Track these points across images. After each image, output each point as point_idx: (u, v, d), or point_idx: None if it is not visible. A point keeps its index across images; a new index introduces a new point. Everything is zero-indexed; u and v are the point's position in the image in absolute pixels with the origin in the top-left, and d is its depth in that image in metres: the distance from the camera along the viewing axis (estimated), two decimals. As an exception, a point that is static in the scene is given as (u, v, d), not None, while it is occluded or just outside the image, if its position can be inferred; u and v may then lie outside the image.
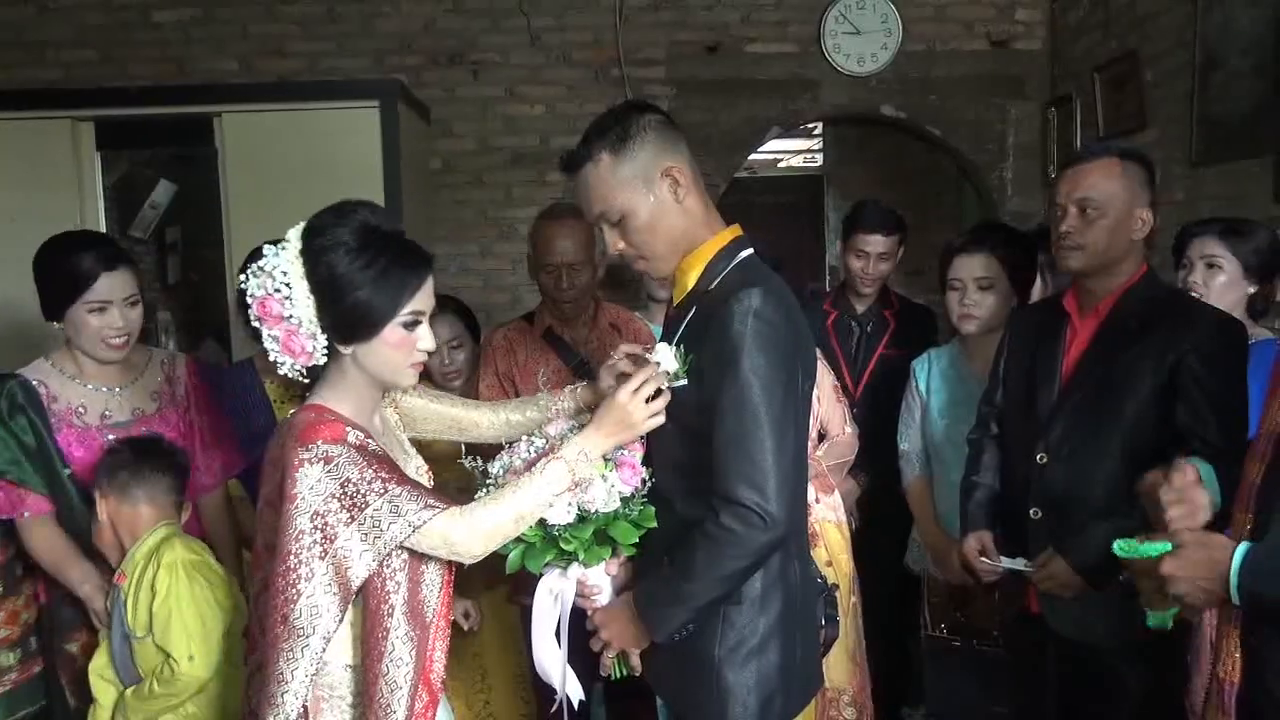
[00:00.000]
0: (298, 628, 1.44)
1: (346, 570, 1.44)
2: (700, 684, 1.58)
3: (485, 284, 4.37)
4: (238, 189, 3.62)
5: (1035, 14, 4.34)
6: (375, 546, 1.44)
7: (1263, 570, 1.28)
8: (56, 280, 2.07)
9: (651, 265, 1.64)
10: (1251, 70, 2.90)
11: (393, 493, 1.44)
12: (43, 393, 2.10)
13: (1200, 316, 1.94)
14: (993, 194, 4.46)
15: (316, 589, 1.44)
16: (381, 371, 1.54)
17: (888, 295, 3.10)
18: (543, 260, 2.54)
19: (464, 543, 1.48)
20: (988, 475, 2.22)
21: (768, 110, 4.37)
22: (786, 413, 1.50)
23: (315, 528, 1.43)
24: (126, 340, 2.12)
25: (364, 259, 1.46)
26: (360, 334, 1.49)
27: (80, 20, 4.20)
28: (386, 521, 1.43)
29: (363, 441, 1.48)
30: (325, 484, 1.43)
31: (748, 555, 1.49)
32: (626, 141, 1.56)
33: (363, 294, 1.46)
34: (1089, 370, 1.98)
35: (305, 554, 1.43)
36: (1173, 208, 3.22)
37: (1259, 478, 1.43)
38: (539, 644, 1.66)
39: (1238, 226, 2.30)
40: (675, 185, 1.58)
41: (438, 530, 1.46)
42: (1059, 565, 1.94)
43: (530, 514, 1.52)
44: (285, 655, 1.45)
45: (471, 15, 4.26)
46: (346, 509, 1.43)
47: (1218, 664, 1.47)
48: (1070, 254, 1.98)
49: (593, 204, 1.61)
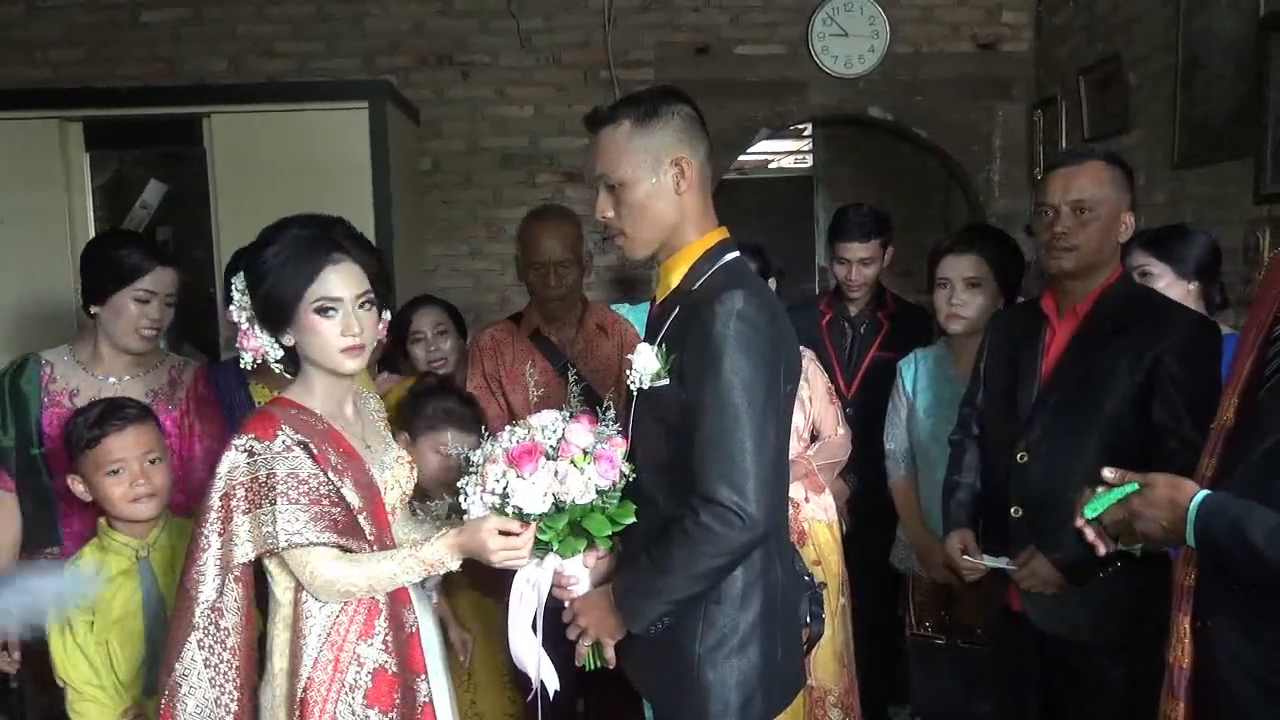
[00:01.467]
0: (189, 594, 1.60)
1: (232, 548, 1.58)
2: (680, 682, 1.59)
3: (475, 284, 4.38)
4: (226, 189, 3.61)
5: (1021, 16, 4.37)
6: (254, 540, 1.58)
7: (1216, 513, 1.35)
8: (110, 266, 2.19)
9: (629, 243, 1.67)
10: (1233, 73, 2.93)
11: (279, 507, 1.56)
12: (46, 373, 2.20)
13: (1176, 317, 1.97)
14: (979, 195, 4.48)
15: (208, 560, 1.59)
16: (319, 358, 1.65)
17: (883, 297, 3.10)
18: (531, 259, 2.57)
19: (322, 583, 1.60)
20: (969, 475, 2.24)
21: (756, 112, 4.38)
22: (767, 414, 1.52)
23: (221, 505, 1.59)
24: (156, 334, 2.23)
25: (272, 251, 1.62)
26: (279, 321, 1.64)
27: (69, 20, 4.19)
28: (265, 528, 1.57)
29: (290, 445, 1.60)
30: (240, 473, 1.59)
31: (725, 554, 1.51)
32: (651, 118, 1.62)
33: (269, 282, 1.62)
34: (1068, 370, 2.01)
35: (208, 528, 1.59)
36: (1156, 209, 3.25)
37: (1210, 472, 1.46)
38: (515, 633, 1.69)
39: (1161, 233, 2.35)
40: (680, 176, 1.62)
41: (309, 559, 1.59)
42: (1040, 563, 1.96)
43: (381, 586, 1.63)
44: (180, 616, 1.60)
45: (461, 16, 4.27)
46: (247, 499, 1.58)
47: (1167, 649, 1.50)
48: (1063, 255, 2.00)
49: (598, 163, 1.65)
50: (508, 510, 1.58)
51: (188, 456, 2.27)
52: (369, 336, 1.67)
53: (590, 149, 1.68)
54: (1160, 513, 1.40)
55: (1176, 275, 2.26)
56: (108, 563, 1.95)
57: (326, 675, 1.60)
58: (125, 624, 1.93)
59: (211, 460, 2.24)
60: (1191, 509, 1.36)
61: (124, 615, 1.93)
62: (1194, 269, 2.27)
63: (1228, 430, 1.48)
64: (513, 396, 2.62)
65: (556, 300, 2.59)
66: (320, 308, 1.61)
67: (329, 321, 1.62)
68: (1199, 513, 1.36)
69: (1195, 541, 1.37)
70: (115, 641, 1.92)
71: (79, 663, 1.91)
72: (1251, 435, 1.41)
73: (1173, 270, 2.26)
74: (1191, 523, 1.36)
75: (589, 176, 1.68)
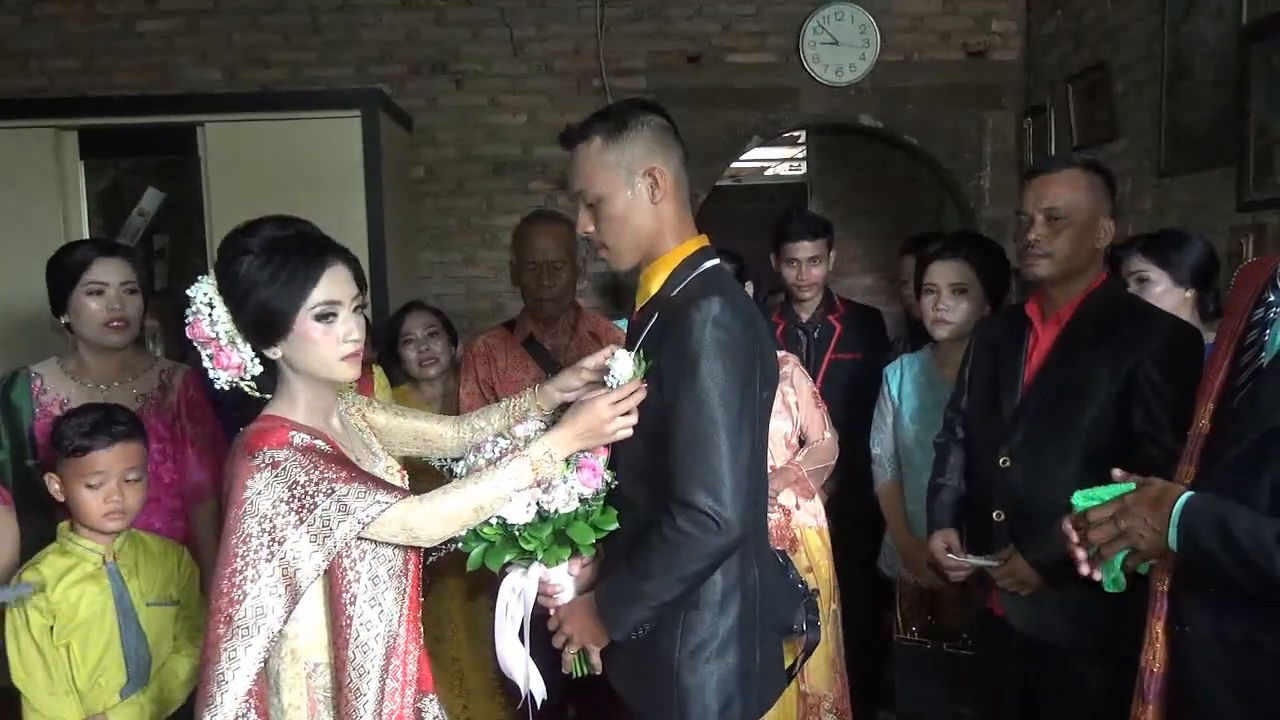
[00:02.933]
0: (242, 628, 1.46)
1: (295, 572, 1.47)
2: (660, 687, 1.60)
3: (468, 291, 4.40)
4: (221, 198, 3.64)
5: (1011, 25, 4.40)
6: (325, 546, 1.47)
7: (1200, 512, 1.35)
8: (60, 269, 2.21)
9: (612, 256, 1.69)
10: (1215, 81, 2.96)
11: (340, 492, 1.47)
12: (36, 385, 2.22)
13: (1157, 323, 1.98)
14: (970, 202, 4.51)
15: (263, 590, 1.46)
16: (315, 368, 1.56)
17: (832, 300, 3.16)
18: (525, 259, 2.61)
19: (422, 526, 1.52)
20: (953, 477, 2.26)
21: (747, 120, 4.41)
22: (743, 419, 1.53)
23: (263, 530, 1.46)
24: (125, 325, 2.22)
25: (261, 260, 1.51)
26: (273, 333, 1.53)
27: (64, 29, 4.22)
28: (335, 521, 1.46)
29: (309, 444, 1.51)
30: (273, 488, 1.46)
31: (703, 559, 1.53)
32: (621, 132, 1.63)
33: (263, 292, 1.50)
34: (1050, 375, 2.02)
35: (252, 556, 1.46)
36: (1141, 216, 3.28)
37: (1189, 479, 1.47)
38: (502, 642, 1.69)
39: (1160, 238, 2.37)
40: (654, 186, 1.63)
41: (394, 518, 1.49)
42: (1019, 563, 1.98)
43: (489, 505, 1.55)
44: (227, 655, 1.46)
45: (453, 26, 4.30)
46: (295, 511, 1.46)
47: (1140, 652, 1.51)
48: (1037, 262, 2.02)
49: (575, 180, 1.67)
50: (492, 521, 1.59)
51: (181, 460, 2.29)
52: (363, 341, 1.60)
53: (568, 167, 1.70)
54: (1146, 513, 1.40)
55: (1173, 282, 2.28)
56: (70, 567, 1.94)
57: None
58: (88, 628, 1.92)
59: (204, 462, 2.27)
60: (1176, 509, 1.36)
61: (88, 619, 1.92)
62: (1190, 277, 2.29)
63: (1204, 437, 1.49)
64: (504, 403, 2.64)
65: (550, 300, 2.62)
66: (322, 314, 1.53)
67: (329, 328, 1.54)
68: (1183, 512, 1.36)
69: (1178, 542, 1.37)
70: (76, 646, 1.91)
71: (34, 667, 1.89)
72: (1227, 441, 1.43)
73: (1170, 277, 2.29)
74: (1175, 523, 1.36)
75: (570, 193, 1.71)
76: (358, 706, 1.51)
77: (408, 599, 1.60)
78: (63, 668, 1.91)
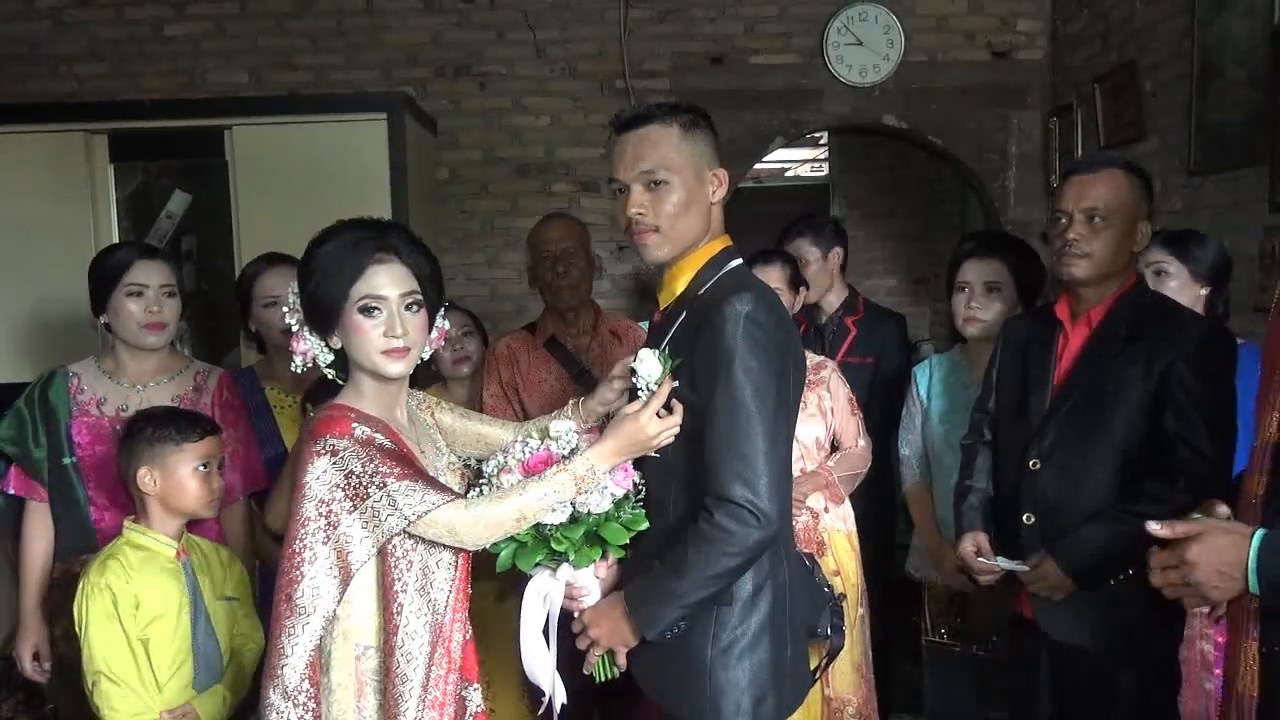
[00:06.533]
0: (300, 606, 1.55)
1: (348, 555, 1.54)
2: (693, 684, 1.60)
3: (491, 293, 4.42)
4: (248, 200, 3.67)
5: (1036, 24, 4.37)
6: (374, 534, 1.54)
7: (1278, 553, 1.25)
8: (101, 270, 2.25)
9: (659, 240, 1.64)
10: (1247, 80, 2.93)
11: (391, 487, 1.53)
12: (74, 384, 2.25)
13: (1189, 324, 1.97)
14: (995, 203, 4.48)
15: (319, 571, 1.54)
16: (360, 360, 1.62)
17: (853, 302, 3.16)
18: (539, 254, 2.64)
19: (466, 530, 1.56)
20: (981, 479, 2.24)
21: (771, 121, 4.40)
22: (779, 414, 1.54)
23: (320, 514, 1.54)
24: (163, 327, 2.25)
25: (323, 253, 1.60)
26: (325, 322, 1.61)
27: (93, 34, 4.26)
28: (384, 513, 1.52)
29: (369, 436, 1.57)
30: (330, 475, 1.54)
31: (742, 553, 1.52)
32: (695, 128, 1.66)
33: (314, 281, 1.59)
34: (1080, 377, 2.00)
35: (310, 539, 1.55)
36: (1172, 216, 3.25)
37: (1262, 489, 1.41)
38: (527, 645, 1.70)
39: (1180, 234, 2.35)
40: (717, 187, 1.67)
41: (441, 520, 1.54)
42: (1049, 567, 1.96)
43: (532, 514, 1.59)
44: (287, 632, 1.55)
45: (478, 28, 4.32)
46: (349, 498, 1.53)
47: (1236, 678, 1.43)
48: (1075, 262, 1.99)
49: (645, 157, 1.62)
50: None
51: None
52: (415, 340, 1.62)
53: (624, 146, 1.65)
54: (1219, 558, 1.28)
55: (1191, 277, 2.27)
56: (145, 560, 1.95)
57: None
58: (163, 622, 1.93)
59: (236, 464, 2.30)
60: (1252, 554, 1.26)
61: (163, 613, 1.93)
62: (1208, 274, 2.28)
63: (1275, 445, 1.42)
64: (529, 404, 2.64)
65: (567, 288, 2.62)
66: (364, 307, 1.57)
67: (372, 321, 1.57)
68: (1260, 555, 1.26)
69: (1260, 586, 1.26)
70: (153, 639, 1.92)
71: (121, 651, 1.89)
72: None
73: (1188, 271, 2.27)
74: (1254, 569, 1.25)
75: (625, 172, 1.64)
76: (403, 691, 1.56)
77: (456, 590, 1.65)
78: (142, 657, 1.92)
